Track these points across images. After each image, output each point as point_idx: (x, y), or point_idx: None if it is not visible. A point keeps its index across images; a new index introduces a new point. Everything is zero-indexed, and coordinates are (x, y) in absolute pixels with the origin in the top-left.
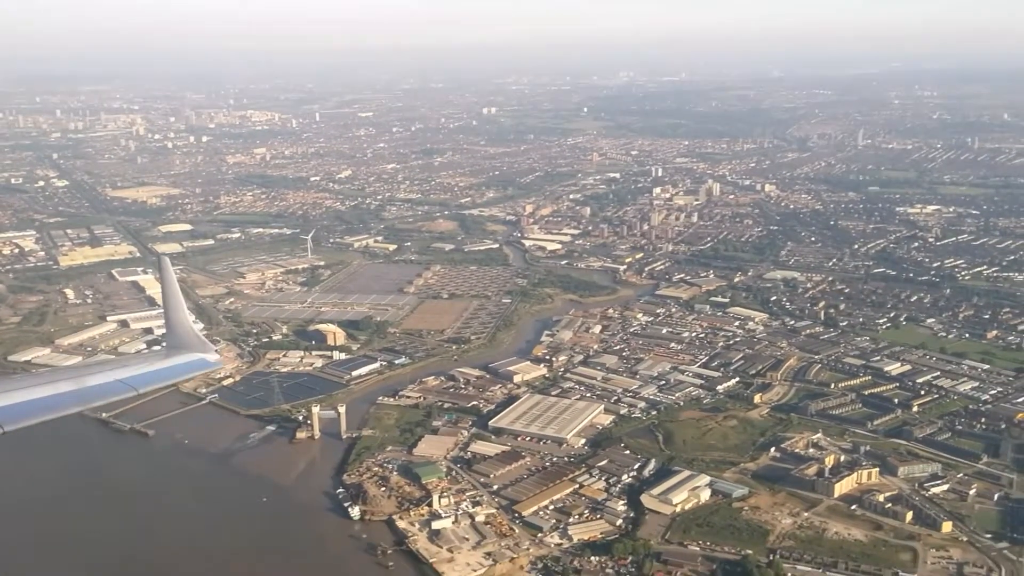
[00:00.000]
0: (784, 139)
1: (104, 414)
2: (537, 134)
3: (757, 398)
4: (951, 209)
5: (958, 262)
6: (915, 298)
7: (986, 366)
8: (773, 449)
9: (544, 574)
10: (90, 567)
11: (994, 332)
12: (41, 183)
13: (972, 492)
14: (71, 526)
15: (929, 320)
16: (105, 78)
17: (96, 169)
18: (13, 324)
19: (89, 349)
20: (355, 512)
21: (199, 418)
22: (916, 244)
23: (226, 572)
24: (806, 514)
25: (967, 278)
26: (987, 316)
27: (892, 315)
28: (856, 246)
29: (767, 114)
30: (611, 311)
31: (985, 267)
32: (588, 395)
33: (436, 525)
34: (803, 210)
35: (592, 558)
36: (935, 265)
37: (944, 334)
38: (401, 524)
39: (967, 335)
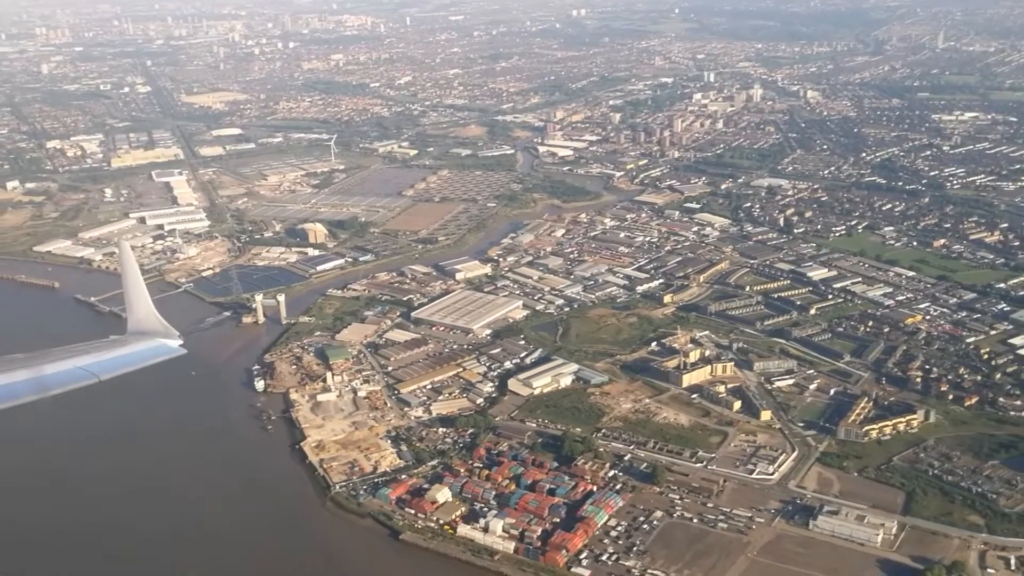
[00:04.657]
0: (863, 42)
1: (93, 298)
2: (614, 37)
3: (667, 298)
4: (988, 116)
5: (957, 171)
6: (887, 206)
7: (911, 273)
8: (654, 344)
9: (393, 440)
10: None
11: (941, 241)
12: (127, 89)
13: (812, 387)
14: None
15: (887, 228)
16: None
17: (181, 76)
18: (51, 219)
19: (104, 242)
20: (259, 385)
21: (170, 304)
22: (928, 153)
23: (125, 427)
24: (647, 400)
25: (956, 187)
26: (947, 226)
27: (853, 223)
28: (864, 154)
29: (865, 14)
30: (582, 216)
31: (982, 176)
32: (517, 292)
33: (321, 398)
34: (834, 117)
35: (440, 429)
36: (932, 174)
37: (894, 242)
38: (294, 396)
39: (915, 243)
